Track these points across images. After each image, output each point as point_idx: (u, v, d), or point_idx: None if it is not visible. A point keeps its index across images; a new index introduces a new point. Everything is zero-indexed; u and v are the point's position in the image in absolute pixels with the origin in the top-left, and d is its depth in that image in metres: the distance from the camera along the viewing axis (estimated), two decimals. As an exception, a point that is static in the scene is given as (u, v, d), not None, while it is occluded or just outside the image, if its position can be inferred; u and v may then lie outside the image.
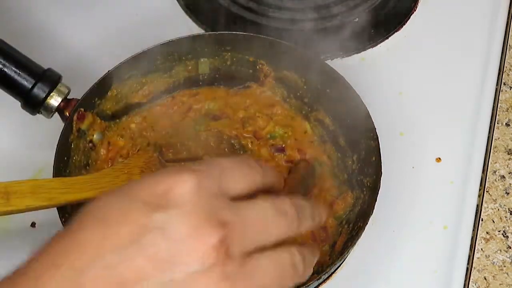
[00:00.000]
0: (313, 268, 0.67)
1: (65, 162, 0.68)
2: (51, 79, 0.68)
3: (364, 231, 0.64)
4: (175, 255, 0.33)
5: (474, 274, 0.69)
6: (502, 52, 0.86)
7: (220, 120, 0.77)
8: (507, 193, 0.75)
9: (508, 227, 0.72)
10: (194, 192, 0.35)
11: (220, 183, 0.37)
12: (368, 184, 0.69)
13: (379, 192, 0.65)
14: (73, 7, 0.89)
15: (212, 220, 0.34)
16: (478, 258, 0.70)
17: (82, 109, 0.70)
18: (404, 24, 0.89)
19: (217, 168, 0.38)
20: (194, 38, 0.76)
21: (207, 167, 0.37)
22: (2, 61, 0.66)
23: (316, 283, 0.67)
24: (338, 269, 0.69)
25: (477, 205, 0.74)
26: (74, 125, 0.70)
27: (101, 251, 0.34)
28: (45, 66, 0.69)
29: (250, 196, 0.38)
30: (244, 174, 0.39)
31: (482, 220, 0.73)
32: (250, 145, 0.75)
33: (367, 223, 0.64)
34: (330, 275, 0.69)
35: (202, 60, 0.78)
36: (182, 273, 0.33)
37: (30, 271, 0.35)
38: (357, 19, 0.88)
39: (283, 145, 0.75)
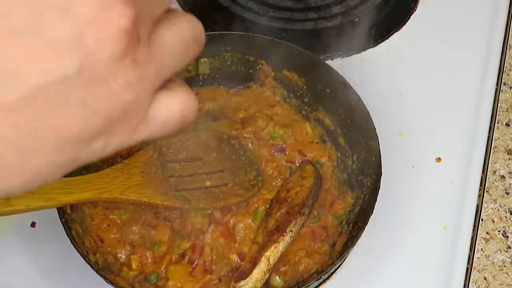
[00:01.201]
0: (313, 267, 0.67)
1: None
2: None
3: (364, 231, 0.64)
4: (80, 40, 0.28)
5: (474, 274, 0.69)
6: (502, 52, 0.86)
7: (220, 120, 0.77)
8: (507, 193, 0.75)
9: (508, 227, 0.72)
10: None
11: None
12: (368, 184, 0.69)
13: (379, 192, 0.66)
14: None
15: None
16: (478, 258, 0.70)
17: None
18: (404, 24, 0.89)
19: None
20: (194, 38, 0.76)
21: None
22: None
23: (316, 283, 0.67)
24: (338, 269, 0.69)
25: (477, 205, 0.74)
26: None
27: None
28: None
29: None
30: None
31: (482, 220, 0.73)
32: (250, 145, 0.75)
33: (367, 223, 0.64)
34: (330, 275, 0.69)
35: (202, 60, 0.78)
36: (88, 61, 0.28)
37: None
38: (357, 19, 0.88)
39: (284, 145, 0.75)
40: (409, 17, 0.89)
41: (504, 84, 0.83)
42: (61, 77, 0.28)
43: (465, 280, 0.69)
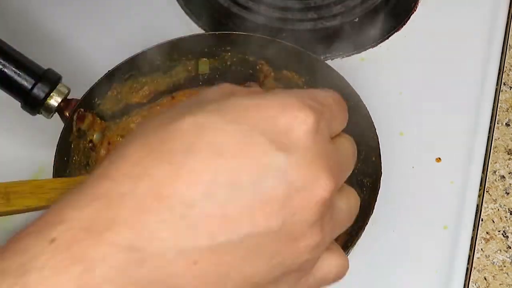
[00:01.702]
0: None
1: (65, 162, 0.68)
2: (51, 80, 0.68)
3: (364, 231, 0.64)
4: (290, 204, 0.32)
5: (474, 274, 0.69)
6: (502, 52, 0.85)
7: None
8: (507, 193, 0.75)
9: (508, 227, 0.72)
10: (313, 135, 0.33)
11: (330, 126, 0.36)
12: (368, 184, 0.69)
13: (379, 192, 0.65)
14: (73, 7, 0.89)
15: (326, 170, 0.33)
16: (478, 258, 0.70)
17: (82, 109, 0.70)
18: (404, 24, 0.89)
19: (329, 109, 0.36)
20: (194, 38, 0.76)
21: (321, 106, 0.35)
22: (2, 61, 0.66)
23: (316, 283, 0.67)
24: (338, 269, 0.69)
25: (477, 205, 0.74)
26: (74, 125, 0.70)
27: (212, 184, 0.30)
28: (45, 67, 0.69)
29: None
30: (344, 116, 0.39)
31: (482, 220, 0.73)
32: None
33: (367, 223, 0.64)
34: (330, 275, 0.69)
35: (202, 60, 0.78)
36: (291, 223, 0.32)
37: (126, 196, 0.30)
38: (357, 19, 0.88)
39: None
40: (409, 17, 0.89)
41: (504, 84, 0.83)
42: (266, 231, 0.32)
43: (465, 280, 0.69)
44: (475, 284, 0.69)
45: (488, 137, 0.78)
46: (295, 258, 0.33)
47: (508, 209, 0.74)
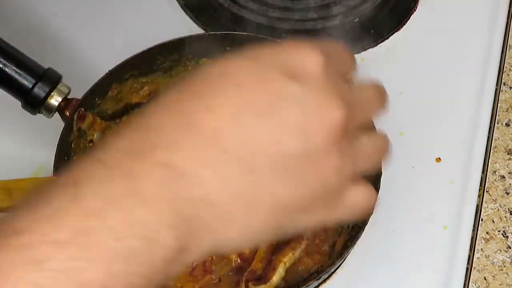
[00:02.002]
0: (313, 267, 0.67)
1: (65, 162, 0.68)
2: (51, 79, 0.68)
3: (364, 231, 0.64)
4: (306, 126, 0.35)
5: (474, 274, 0.69)
6: (502, 52, 0.85)
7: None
8: (507, 193, 0.75)
9: (508, 227, 0.72)
10: (322, 69, 0.36)
11: (336, 61, 0.39)
12: (368, 184, 0.69)
13: (379, 192, 0.65)
14: (73, 7, 0.89)
15: (339, 98, 0.36)
16: (478, 258, 0.70)
17: (83, 109, 0.70)
18: (404, 24, 0.89)
19: (336, 53, 0.40)
20: (194, 38, 0.76)
21: (329, 50, 0.39)
22: (2, 60, 0.66)
23: (316, 283, 0.67)
24: (338, 269, 0.69)
25: (477, 205, 0.74)
26: (74, 125, 0.70)
27: (240, 114, 0.35)
28: (46, 66, 0.69)
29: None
30: (352, 59, 0.43)
31: (482, 220, 0.73)
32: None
33: (367, 223, 0.64)
34: (330, 275, 0.69)
35: (202, 60, 0.78)
36: (310, 145, 0.35)
37: (164, 127, 0.35)
38: (357, 19, 0.88)
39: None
40: (409, 17, 0.89)
41: (504, 84, 0.83)
42: (291, 153, 0.35)
43: (465, 280, 0.69)
44: (475, 284, 0.69)
45: (488, 137, 0.78)
46: (322, 182, 0.36)
47: (508, 209, 0.74)
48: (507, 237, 0.72)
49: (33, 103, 0.68)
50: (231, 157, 0.34)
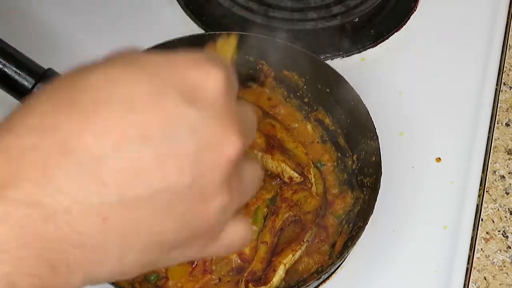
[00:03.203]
0: (313, 267, 0.67)
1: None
2: (51, 79, 0.68)
3: (364, 231, 0.64)
4: (201, 160, 0.31)
5: (474, 274, 0.69)
6: (502, 52, 0.86)
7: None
8: (507, 193, 0.75)
9: (508, 227, 0.72)
10: (224, 92, 0.32)
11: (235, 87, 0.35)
12: (368, 184, 0.69)
13: (379, 192, 0.66)
14: (74, 7, 0.89)
15: (236, 129, 0.32)
16: (478, 258, 0.70)
17: (82, 109, 0.70)
18: (404, 24, 0.89)
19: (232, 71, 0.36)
20: (194, 38, 0.76)
21: (221, 62, 0.34)
22: (2, 61, 0.66)
23: (316, 283, 0.67)
24: (338, 269, 0.69)
25: (477, 205, 0.74)
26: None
27: (123, 140, 0.29)
28: (46, 66, 0.69)
29: None
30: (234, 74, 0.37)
31: (482, 220, 0.73)
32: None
33: (367, 223, 0.64)
34: (330, 275, 0.69)
35: (202, 60, 0.77)
36: (201, 182, 0.31)
37: (31, 151, 0.29)
38: (357, 19, 0.88)
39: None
40: (409, 17, 0.89)
41: (504, 84, 0.83)
42: (177, 187, 0.31)
43: (465, 280, 0.69)
44: (475, 284, 0.69)
45: (488, 137, 0.78)
46: (203, 221, 0.33)
47: (508, 209, 0.74)
48: (507, 237, 0.72)
49: (33, 103, 0.68)
50: (110, 192, 0.29)
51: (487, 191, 0.75)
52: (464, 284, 0.69)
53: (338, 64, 0.82)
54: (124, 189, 0.30)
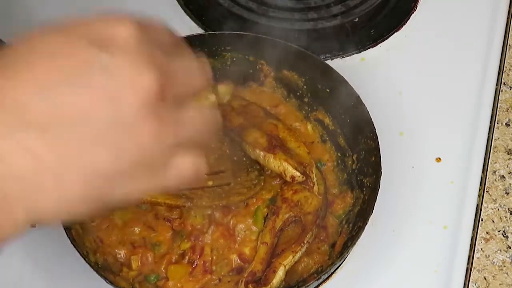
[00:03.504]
0: (313, 267, 0.67)
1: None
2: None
3: (364, 231, 0.64)
4: (116, 94, 0.35)
5: (474, 274, 0.69)
6: (502, 52, 0.86)
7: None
8: (507, 193, 0.75)
9: (508, 227, 0.72)
10: (134, 36, 0.37)
11: (155, 34, 0.40)
12: (368, 184, 0.69)
13: (379, 192, 0.66)
14: (73, 7, 0.89)
15: (152, 65, 0.36)
16: (478, 258, 0.70)
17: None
18: (404, 24, 0.89)
19: (151, 22, 0.41)
20: (194, 38, 0.76)
21: (143, 20, 0.40)
22: (2, 61, 0.66)
23: (316, 283, 0.67)
24: (338, 269, 0.69)
25: (477, 205, 0.74)
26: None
27: (44, 84, 0.34)
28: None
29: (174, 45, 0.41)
30: (168, 30, 0.43)
31: (482, 220, 0.73)
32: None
33: (367, 223, 0.64)
34: (330, 275, 0.69)
35: (202, 60, 0.77)
36: (120, 112, 0.35)
37: None
38: (357, 19, 0.88)
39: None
40: (409, 17, 0.89)
41: (504, 84, 0.83)
42: (99, 120, 0.34)
43: (465, 280, 0.69)
44: (475, 284, 0.69)
45: (488, 137, 0.78)
46: (138, 147, 0.36)
47: (508, 209, 0.74)
48: (507, 237, 0.72)
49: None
50: (35, 129, 0.33)
51: (487, 191, 0.75)
52: (464, 284, 0.69)
53: (338, 64, 0.82)
54: (46, 125, 0.33)
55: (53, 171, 0.34)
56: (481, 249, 0.71)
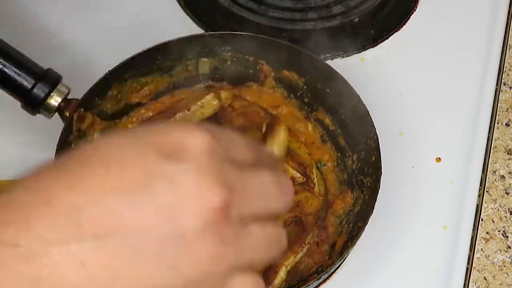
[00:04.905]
0: (313, 267, 0.67)
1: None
2: (51, 79, 0.68)
3: (364, 231, 0.64)
4: (178, 209, 0.33)
5: (474, 274, 0.69)
6: (502, 52, 0.86)
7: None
8: (507, 193, 0.75)
9: (508, 227, 0.72)
10: (206, 150, 0.34)
11: (229, 147, 0.37)
12: (368, 184, 0.69)
13: (379, 192, 0.66)
14: (73, 7, 0.89)
15: (219, 181, 0.34)
16: (478, 258, 0.70)
17: (82, 109, 0.70)
18: (404, 24, 0.89)
19: (227, 134, 0.38)
20: (194, 38, 0.76)
21: (218, 130, 0.37)
22: (2, 61, 0.66)
23: (316, 283, 0.67)
24: (338, 269, 0.69)
25: (477, 205, 0.74)
26: (74, 125, 0.70)
27: (105, 192, 0.32)
28: (45, 66, 0.69)
29: (253, 164, 0.38)
30: (250, 145, 0.39)
31: (482, 220, 0.73)
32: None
33: (367, 223, 0.64)
34: (330, 275, 0.69)
35: (202, 60, 0.78)
36: (180, 228, 0.33)
37: (18, 204, 0.32)
38: (357, 19, 0.88)
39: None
40: (409, 17, 0.89)
41: (504, 84, 0.83)
42: (157, 235, 0.32)
43: (465, 280, 0.69)
44: (475, 284, 0.69)
45: (488, 137, 0.78)
46: (194, 267, 0.33)
47: (508, 209, 0.74)
48: (507, 237, 0.72)
49: (33, 104, 0.68)
50: (88, 237, 0.31)
51: (487, 191, 0.75)
52: (464, 284, 0.69)
53: (338, 64, 0.82)
54: (101, 235, 0.31)
55: (100, 284, 0.32)
56: (481, 249, 0.71)
